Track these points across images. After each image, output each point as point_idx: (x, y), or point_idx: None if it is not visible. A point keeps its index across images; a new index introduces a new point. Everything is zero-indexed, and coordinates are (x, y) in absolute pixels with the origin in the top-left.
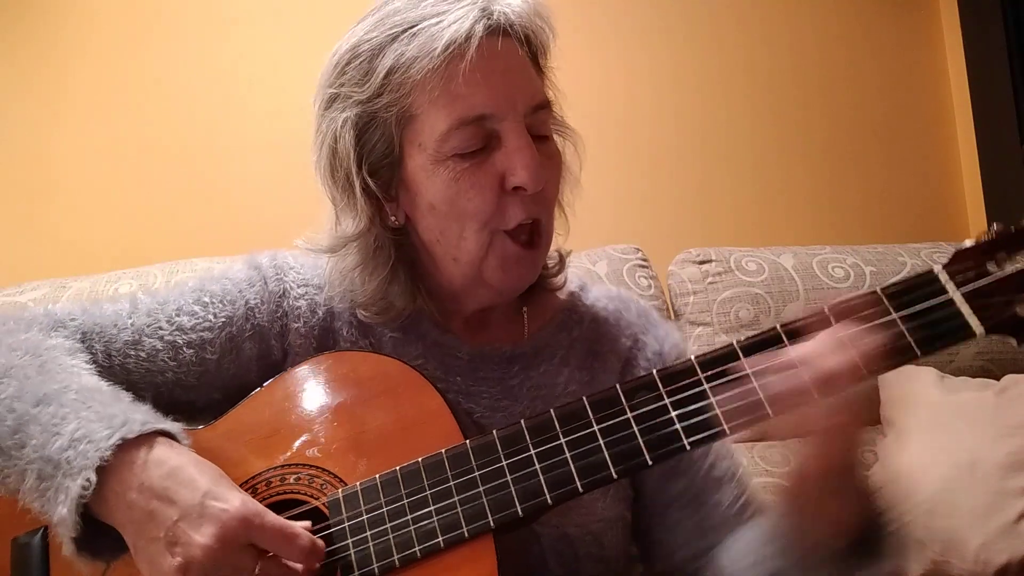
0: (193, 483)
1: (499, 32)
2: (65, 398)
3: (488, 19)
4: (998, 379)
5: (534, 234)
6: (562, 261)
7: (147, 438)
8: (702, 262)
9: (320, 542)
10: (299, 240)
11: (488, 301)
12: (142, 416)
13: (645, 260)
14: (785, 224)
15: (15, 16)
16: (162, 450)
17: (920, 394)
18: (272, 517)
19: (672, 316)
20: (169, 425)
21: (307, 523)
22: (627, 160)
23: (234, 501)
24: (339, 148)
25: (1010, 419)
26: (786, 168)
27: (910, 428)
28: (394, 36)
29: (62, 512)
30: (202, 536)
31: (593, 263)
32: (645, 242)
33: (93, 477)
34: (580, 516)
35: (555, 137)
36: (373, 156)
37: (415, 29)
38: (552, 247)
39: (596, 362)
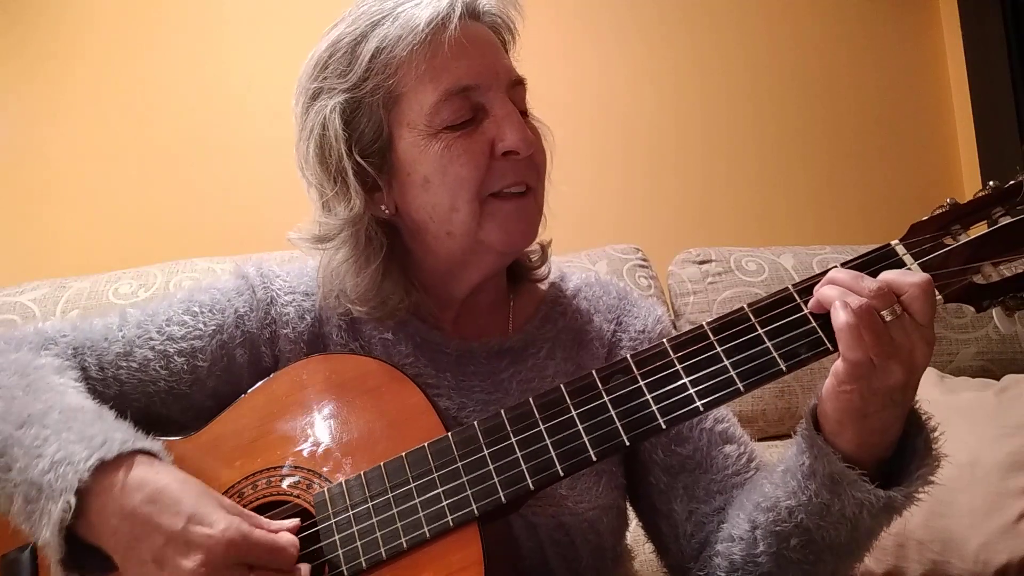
0: (176, 507)
1: (475, 15)
2: (48, 419)
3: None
4: (998, 379)
5: (527, 199)
6: (544, 253)
7: (127, 458)
8: (702, 262)
9: (295, 540)
10: (291, 232)
11: (491, 267)
12: (122, 435)
13: (645, 260)
14: (785, 224)
15: (14, 17)
16: (142, 471)
17: (920, 394)
18: (259, 534)
19: (672, 316)
20: (149, 443)
21: (295, 521)
22: (627, 160)
23: (219, 524)
24: (328, 134)
25: (1010, 419)
26: (786, 168)
27: None
28: (375, 23)
29: (46, 535)
30: (190, 562)
31: (593, 263)
32: (645, 242)
33: (73, 500)
34: (575, 503)
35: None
36: (363, 141)
37: (396, 13)
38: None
39: (582, 351)
